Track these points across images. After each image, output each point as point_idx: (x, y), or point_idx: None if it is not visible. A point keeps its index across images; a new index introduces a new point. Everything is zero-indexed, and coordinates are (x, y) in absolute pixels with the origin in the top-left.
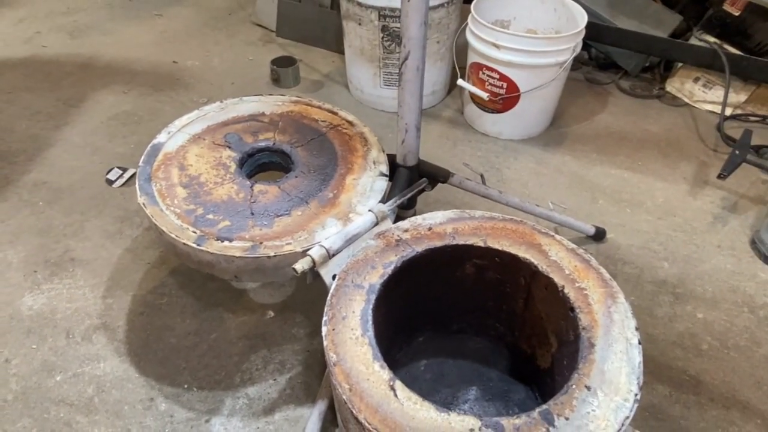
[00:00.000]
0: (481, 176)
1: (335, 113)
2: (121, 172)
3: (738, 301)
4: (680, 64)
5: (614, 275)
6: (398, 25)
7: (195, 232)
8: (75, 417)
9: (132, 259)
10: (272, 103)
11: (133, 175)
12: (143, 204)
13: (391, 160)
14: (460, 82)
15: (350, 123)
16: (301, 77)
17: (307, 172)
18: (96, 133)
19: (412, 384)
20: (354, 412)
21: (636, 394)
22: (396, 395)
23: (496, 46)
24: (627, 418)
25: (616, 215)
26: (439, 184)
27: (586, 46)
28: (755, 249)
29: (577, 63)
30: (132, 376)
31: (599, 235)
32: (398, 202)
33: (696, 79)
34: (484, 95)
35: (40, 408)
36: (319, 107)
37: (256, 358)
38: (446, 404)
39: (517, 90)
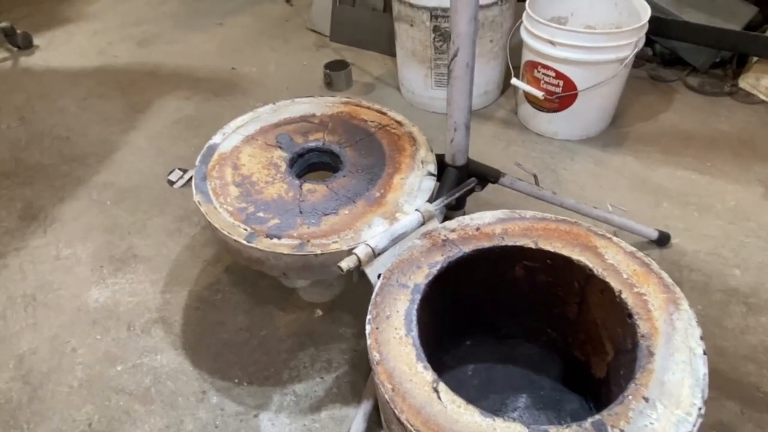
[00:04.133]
0: (535, 177)
1: (384, 113)
2: (181, 173)
3: None
4: (755, 59)
5: (679, 282)
6: (448, 25)
7: (246, 230)
8: (133, 406)
9: (190, 256)
10: (323, 105)
11: (192, 176)
12: (198, 202)
13: (440, 159)
14: (514, 80)
15: (399, 123)
16: (353, 80)
17: (355, 172)
18: (160, 137)
19: (458, 389)
20: (396, 412)
21: (700, 408)
22: (439, 397)
23: (552, 43)
24: None
25: (681, 219)
26: (490, 185)
27: (650, 41)
28: None
29: (640, 60)
30: (186, 369)
31: (663, 240)
32: (445, 201)
33: None
34: (540, 94)
35: (101, 396)
36: (369, 108)
37: (304, 356)
38: (494, 411)
39: (575, 88)
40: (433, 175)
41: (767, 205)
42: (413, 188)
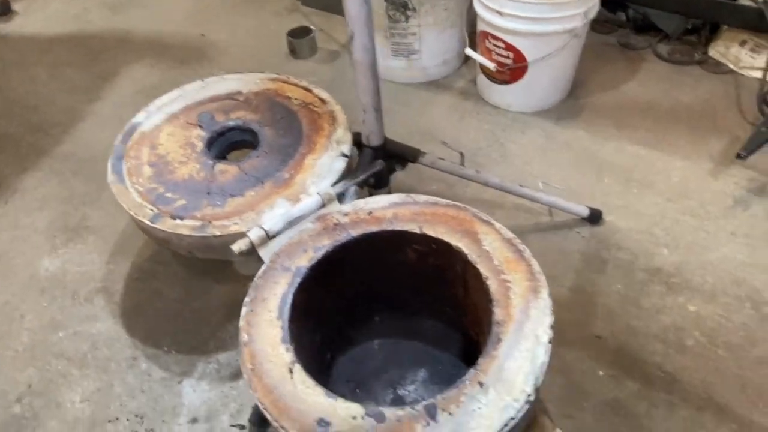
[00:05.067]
0: (461, 155)
1: (309, 90)
2: None
3: (741, 295)
4: (726, 27)
5: (605, 261)
6: None
7: (152, 210)
8: (70, 370)
9: (135, 227)
10: (251, 81)
11: None
12: (110, 182)
13: (358, 137)
14: (467, 50)
15: (323, 101)
16: (318, 47)
17: (269, 152)
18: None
19: (363, 361)
20: (251, 391)
21: (529, 395)
22: (292, 378)
23: (500, 14)
24: (512, 418)
25: (621, 196)
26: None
27: (623, 6)
28: None
29: (612, 26)
30: (121, 336)
31: (594, 217)
32: (350, 184)
33: (743, 43)
34: (491, 65)
35: (43, 360)
36: (296, 84)
37: (231, 327)
38: (393, 384)
39: (524, 60)
40: (346, 156)
41: (711, 182)
42: (323, 169)
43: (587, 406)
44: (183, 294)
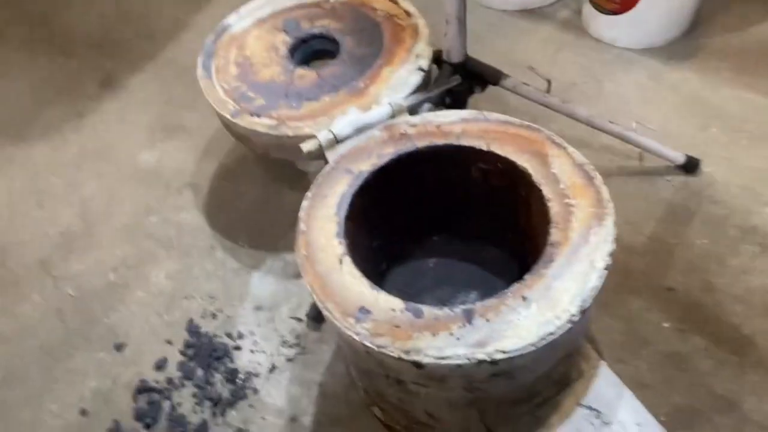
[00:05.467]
0: (548, 82)
1: (396, 2)
2: None
3: None
4: None
5: (693, 213)
6: None
7: (234, 107)
8: (158, 250)
9: (226, 132)
10: None
11: None
12: (199, 77)
13: (439, 54)
14: None
15: (408, 14)
16: None
17: (348, 61)
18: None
19: (417, 277)
20: (303, 274)
21: (573, 315)
22: (341, 268)
23: None
24: (551, 334)
25: (726, 147)
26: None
27: None
28: None
29: None
30: (204, 227)
31: (690, 166)
32: (422, 98)
33: None
34: None
35: (136, 239)
36: None
37: None
38: (442, 301)
39: None
40: (423, 70)
41: None
42: (399, 82)
43: (644, 354)
44: (261, 196)
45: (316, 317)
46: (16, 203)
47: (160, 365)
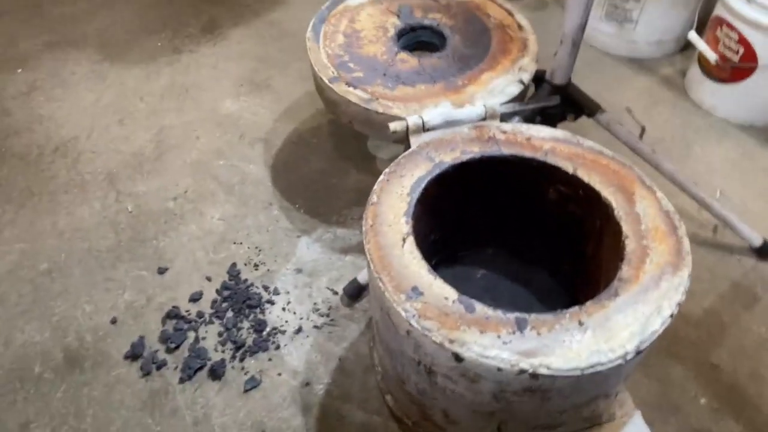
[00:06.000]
0: (642, 128)
1: (511, 14)
2: None
3: None
4: None
5: (758, 299)
6: None
7: (333, 73)
8: (219, 192)
9: (309, 101)
10: None
11: None
12: (307, 38)
13: (541, 74)
14: (691, 34)
15: (520, 27)
16: None
17: (451, 57)
18: None
19: (462, 284)
20: (364, 242)
21: (627, 353)
22: (403, 246)
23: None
24: (600, 364)
25: None
26: (589, 121)
27: None
28: None
29: None
30: (266, 182)
31: (765, 251)
32: (517, 109)
33: None
34: (712, 57)
35: (202, 176)
36: (500, 5)
37: (356, 210)
38: None
39: (755, 60)
40: (523, 83)
41: None
42: (497, 89)
43: (673, 421)
44: (326, 168)
45: (353, 294)
46: (100, 116)
47: (195, 298)
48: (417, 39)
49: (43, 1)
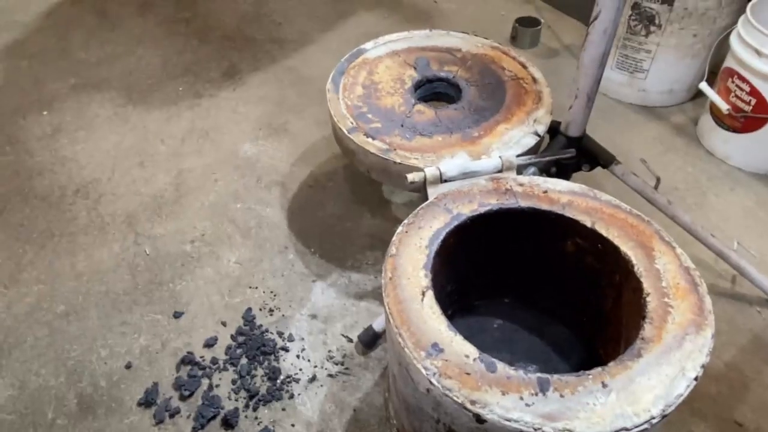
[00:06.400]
0: (657, 179)
1: (525, 67)
2: None
3: None
4: None
5: None
6: (651, 4)
7: (352, 123)
8: (236, 235)
9: (325, 144)
10: (473, 43)
11: None
12: (328, 89)
13: (556, 126)
14: (702, 85)
15: (534, 80)
16: (540, 42)
17: (467, 109)
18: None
19: (478, 335)
20: (384, 295)
21: (653, 417)
22: (422, 300)
23: (758, 53)
24: (625, 429)
25: None
26: (604, 171)
27: None
28: None
29: None
30: (282, 226)
31: None
32: (533, 160)
33: None
34: (725, 107)
35: (219, 219)
36: (514, 58)
37: (371, 255)
38: None
39: (767, 111)
40: (538, 135)
41: None
42: (512, 140)
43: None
44: (341, 212)
45: (368, 342)
46: (121, 159)
47: (210, 343)
48: (433, 90)
49: (69, 45)
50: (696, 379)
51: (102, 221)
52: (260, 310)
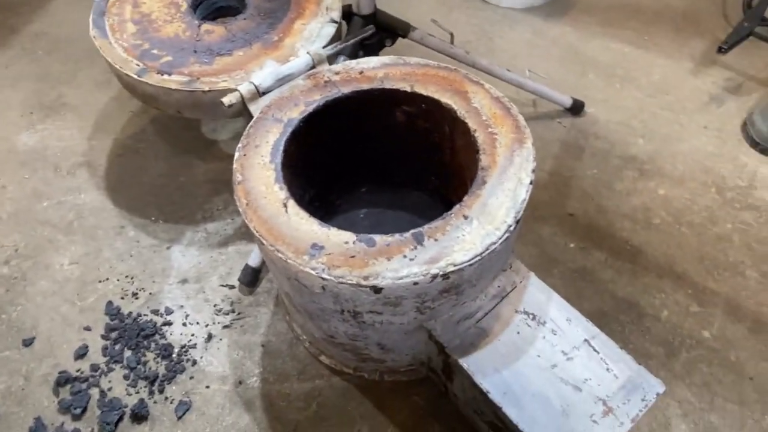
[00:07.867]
0: (451, 35)
1: None
2: None
3: (708, 181)
4: None
5: (583, 149)
6: None
7: (138, 65)
8: (57, 236)
9: (117, 106)
10: None
11: None
12: (94, 37)
13: (348, 9)
14: None
15: None
16: None
17: (257, 15)
18: None
19: (349, 228)
20: (247, 221)
21: (510, 225)
22: (287, 211)
23: None
24: (493, 244)
25: (602, 90)
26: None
27: None
28: (744, 132)
29: None
30: (107, 207)
31: (576, 108)
32: (340, 47)
33: None
34: None
35: (28, 227)
36: None
37: (218, 200)
38: None
39: None
40: (336, 22)
41: (690, 80)
42: (312, 34)
43: (557, 272)
44: (167, 170)
45: (250, 281)
46: None
47: (81, 353)
48: (215, 6)
49: None
50: (531, 183)
51: None
52: (122, 299)
